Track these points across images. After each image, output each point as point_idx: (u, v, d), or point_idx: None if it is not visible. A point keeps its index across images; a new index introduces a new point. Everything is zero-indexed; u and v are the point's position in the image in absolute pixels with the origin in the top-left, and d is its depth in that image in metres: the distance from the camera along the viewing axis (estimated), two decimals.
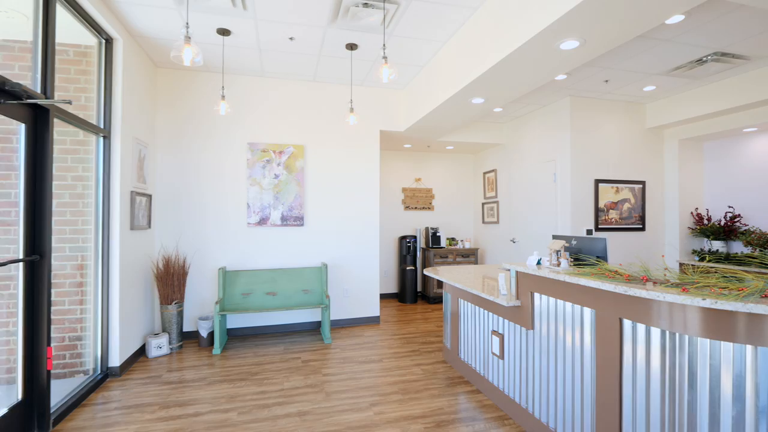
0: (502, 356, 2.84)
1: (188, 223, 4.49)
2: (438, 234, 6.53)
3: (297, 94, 4.88)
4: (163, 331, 4.12)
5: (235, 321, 4.67)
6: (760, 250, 4.29)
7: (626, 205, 5.00)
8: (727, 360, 1.50)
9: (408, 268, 6.39)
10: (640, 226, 5.05)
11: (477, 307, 3.19)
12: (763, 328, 1.44)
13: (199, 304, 4.54)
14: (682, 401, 1.61)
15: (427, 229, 6.63)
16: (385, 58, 2.58)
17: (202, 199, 4.54)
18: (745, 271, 3.47)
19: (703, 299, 1.45)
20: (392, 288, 6.84)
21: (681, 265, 4.84)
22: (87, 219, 3.31)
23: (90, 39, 3.27)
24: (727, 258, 4.51)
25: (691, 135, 4.87)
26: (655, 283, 1.73)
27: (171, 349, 4.09)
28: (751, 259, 3.92)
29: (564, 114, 4.88)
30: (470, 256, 6.56)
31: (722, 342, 1.50)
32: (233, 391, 3.17)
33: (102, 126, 3.37)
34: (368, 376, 3.45)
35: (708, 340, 1.54)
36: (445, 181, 7.11)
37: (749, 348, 1.46)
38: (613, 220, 4.94)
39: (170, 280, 4.14)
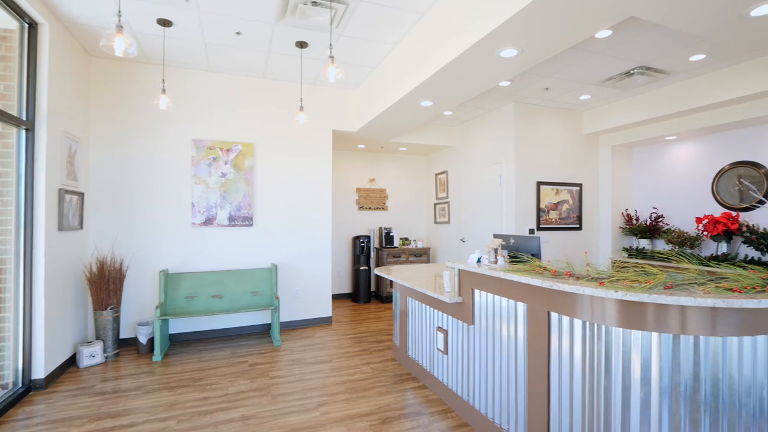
0: (446, 351, 2.93)
1: (126, 224, 4.24)
2: (391, 234, 6.60)
3: (246, 91, 4.75)
4: (97, 338, 3.86)
5: (179, 326, 4.46)
6: (679, 248, 4.73)
7: (565, 206, 5.32)
8: (636, 347, 1.65)
9: (362, 268, 6.41)
10: (578, 226, 5.40)
11: (424, 304, 3.26)
12: (666, 317, 1.60)
13: (138, 309, 4.29)
14: (600, 386, 1.75)
15: (380, 229, 6.69)
16: (331, 57, 2.58)
17: (143, 198, 4.30)
18: (663, 267, 3.81)
19: (616, 291, 1.58)
20: (346, 288, 6.83)
21: (613, 261, 5.23)
22: (7, 219, 3.03)
23: (9, 22, 3.00)
24: (652, 255, 4.93)
25: (622, 142, 5.27)
26: (578, 278, 1.86)
27: (106, 357, 3.84)
28: (670, 256, 4.31)
29: (509, 119, 5.11)
30: (422, 255, 6.69)
31: (632, 330, 1.65)
32: (173, 398, 3.03)
33: (24, 118, 3.10)
34: (317, 377, 3.43)
35: (621, 329, 1.68)
36: (398, 181, 7.20)
37: (654, 335, 1.61)
38: (553, 220, 5.24)
39: (105, 284, 3.88)
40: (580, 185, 5.42)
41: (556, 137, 5.31)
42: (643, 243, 5.13)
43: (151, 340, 4.09)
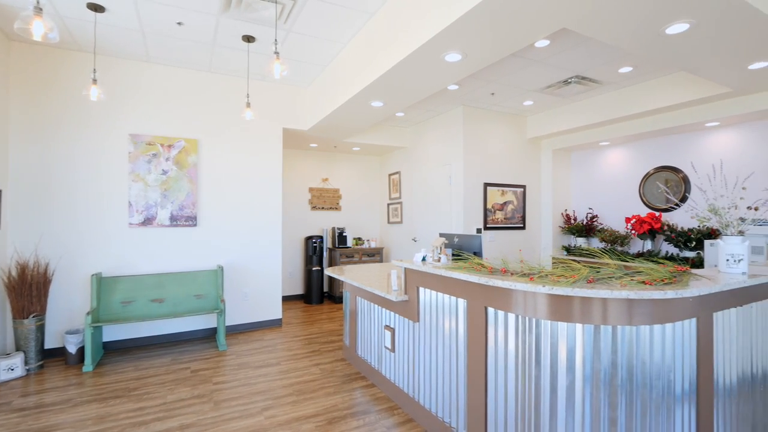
0: (393, 349, 2.96)
1: (53, 224, 3.90)
2: (344, 234, 6.58)
3: (190, 85, 4.54)
4: (18, 350, 3.52)
5: (114, 333, 4.17)
6: (611, 245, 5.10)
7: (510, 207, 5.56)
8: (562, 338, 1.76)
9: (314, 268, 6.33)
10: (522, 225, 5.67)
11: (373, 304, 3.28)
12: (589, 309, 1.72)
13: (68, 317, 3.97)
14: (531, 376, 1.85)
15: (333, 229, 6.64)
16: (277, 53, 2.53)
17: (72, 196, 3.98)
18: (591, 263, 4.09)
19: (543, 286, 1.68)
20: (298, 289, 6.72)
21: (554, 259, 5.54)
22: None
23: None
24: (587, 252, 5.27)
25: (562, 146, 5.60)
26: (512, 274, 1.96)
27: (28, 370, 3.52)
28: (595, 253, 4.64)
29: (458, 122, 5.27)
30: (375, 255, 6.73)
31: (559, 322, 1.76)
32: (104, 410, 2.83)
33: None
34: (263, 381, 3.34)
35: (549, 321, 1.79)
36: (352, 181, 7.19)
37: (579, 326, 1.73)
38: (499, 219, 5.46)
39: (27, 290, 3.55)
40: (524, 187, 5.70)
41: (502, 140, 5.54)
42: (580, 241, 5.48)
43: (82, 350, 3.79)
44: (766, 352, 2.24)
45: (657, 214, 4.77)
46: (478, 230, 5.27)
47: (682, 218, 4.63)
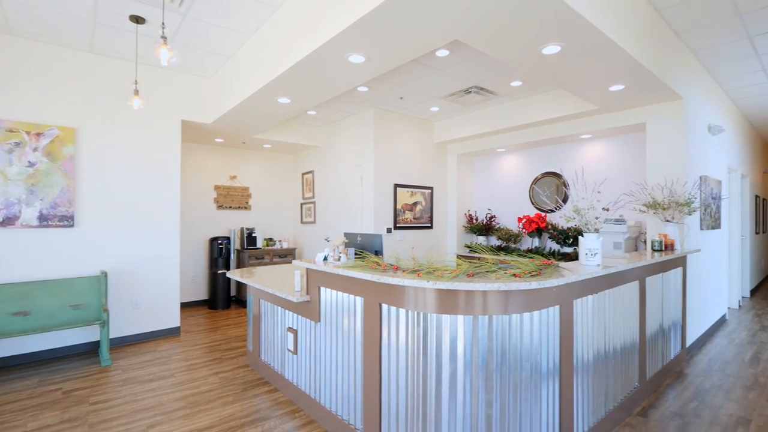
0: (296, 351, 2.91)
1: None
2: (254, 234, 6.30)
3: (67, 66, 3.98)
4: None
5: None
6: (505, 243, 5.60)
7: (419, 207, 5.81)
8: (446, 329, 1.88)
9: (220, 271, 5.96)
10: (429, 225, 5.95)
11: (276, 306, 3.19)
12: (471, 301, 1.85)
13: None
14: (418, 367, 1.94)
15: (242, 229, 6.32)
16: (164, 38, 2.33)
17: None
18: (478, 259, 4.46)
19: (427, 281, 1.78)
20: (202, 294, 6.27)
21: (457, 256, 5.91)
22: None
23: None
24: (481, 249, 5.72)
25: (465, 151, 5.99)
26: (404, 271, 2.04)
27: None
28: (479, 249, 5.08)
29: (369, 123, 5.36)
30: (288, 256, 6.55)
31: (443, 315, 1.88)
32: None
33: None
34: (152, 396, 3.05)
35: (435, 314, 1.90)
36: (263, 180, 6.91)
37: (460, 317, 1.86)
38: (408, 219, 5.67)
39: None
40: (431, 188, 5.99)
41: (411, 143, 5.76)
42: (481, 239, 5.92)
43: None
44: (617, 332, 2.63)
45: (543, 214, 5.35)
46: (389, 230, 5.42)
47: (562, 218, 5.26)
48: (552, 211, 5.34)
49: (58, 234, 3.92)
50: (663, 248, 3.50)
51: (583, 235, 2.45)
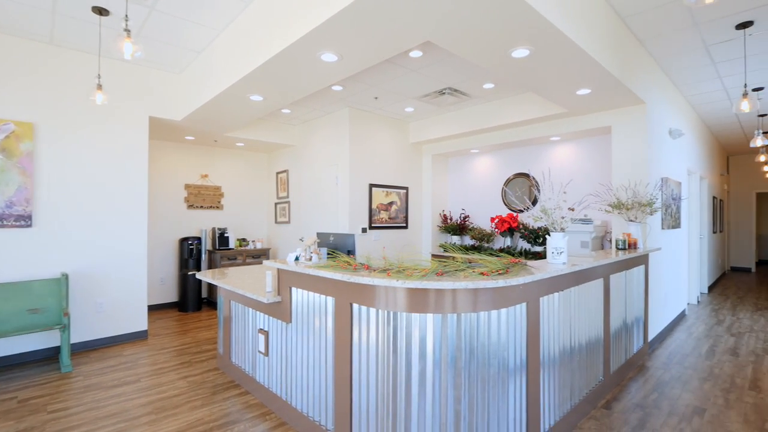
0: (267, 353, 2.86)
1: None
2: (226, 235, 6.17)
3: (25, 57, 3.78)
4: None
5: None
6: (479, 242, 5.69)
7: (394, 207, 5.83)
8: (416, 327, 1.89)
9: (190, 273, 5.80)
10: (405, 225, 5.98)
11: (247, 307, 3.13)
12: (441, 299, 1.88)
13: None
14: (389, 366, 1.95)
15: (214, 229, 6.18)
16: (127, 31, 2.25)
17: None
18: (446, 258, 4.53)
19: (397, 280, 1.79)
20: (172, 296, 6.09)
21: (432, 255, 5.96)
22: None
23: None
24: (458, 249, 5.80)
25: (439, 152, 6.06)
26: (375, 270, 2.04)
27: None
28: (447, 248, 5.16)
29: (344, 123, 5.34)
30: (262, 256, 6.45)
31: (413, 314, 1.89)
32: None
33: None
34: (115, 402, 2.94)
35: (405, 313, 1.91)
36: (236, 179, 6.78)
37: (429, 316, 1.88)
38: (384, 219, 5.68)
39: None
40: (407, 188, 6.02)
41: (386, 143, 5.77)
42: (455, 239, 6.00)
43: None
44: (582, 328, 2.72)
45: (515, 214, 5.47)
46: (364, 230, 5.41)
47: (531, 218, 5.39)
48: (522, 211, 5.47)
49: (13, 234, 3.72)
50: (627, 247, 3.64)
51: (549, 235, 2.52)
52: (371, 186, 5.52)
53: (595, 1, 2.97)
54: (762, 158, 7.34)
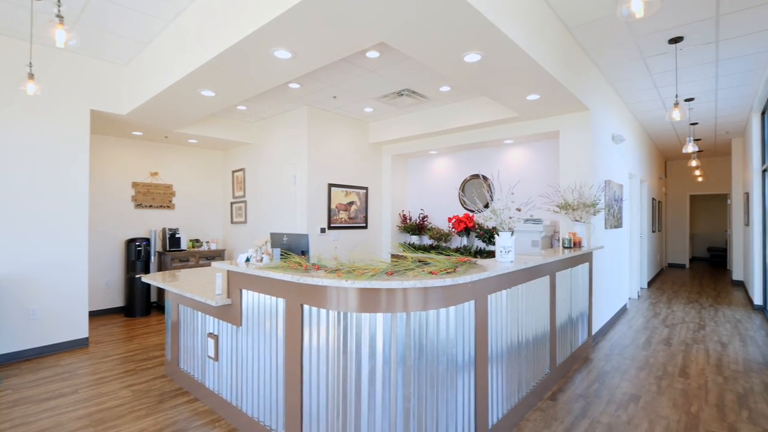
0: (216, 358, 2.77)
1: None
2: (178, 235, 5.90)
3: None
4: None
5: None
6: (437, 242, 5.79)
7: (354, 207, 5.82)
8: (366, 327, 1.90)
9: (138, 275, 5.49)
10: (364, 225, 5.99)
11: (196, 311, 3.01)
12: (392, 299, 1.89)
13: None
14: (339, 366, 1.94)
15: (164, 230, 5.89)
16: (60, 17, 2.09)
17: None
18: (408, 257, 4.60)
19: (346, 281, 1.78)
20: (117, 301, 5.75)
21: (392, 255, 6.00)
22: None
23: None
24: (416, 248, 5.89)
25: (399, 152, 6.11)
26: (326, 271, 2.03)
27: None
28: (402, 247, 5.24)
29: (302, 121, 5.26)
30: (216, 258, 6.23)
31: (363, 313, 1.89)
32: None
33: None
34: (49, 416, 2.73)
35: (355, 313, 1.91)
36: (189, 177, 6.50)
37: (379, 315, 1.89)
38: (343, 219, 5.66)
39: None
40: (366, 188, 6.03)
41: (346, 143, 5.75)
42: (414, 239, 6.07)
43: None
44: (530, 324, 2.84)
45: (471, 214, 5.61)
46: (323, 230, 5.36)
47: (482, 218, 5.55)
48: (475, 211, 5.63)
49: None
50: (572, 245, 3.83)
51: (498, 234, 2.61)
52: (330, 186, 5.47)
53: (543, 11, 3.10)
54: (694, 163, 7.99)
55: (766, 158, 5.58)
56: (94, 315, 5.52)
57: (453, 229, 5.53)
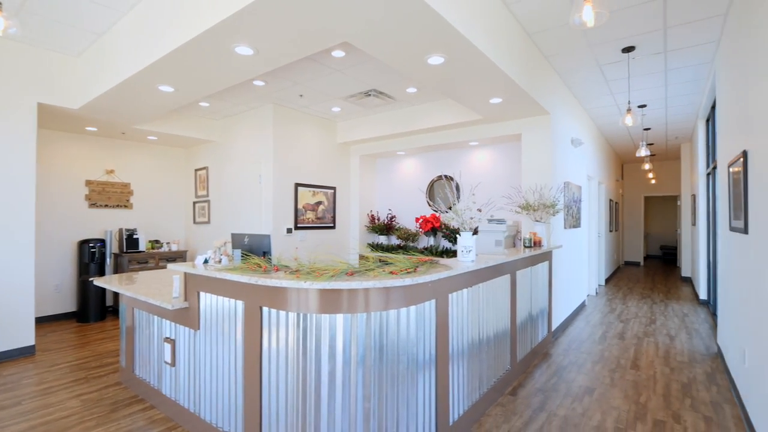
0: (173, 363, 2.67)
1: None
2: (135, 236, 5.65)
3: None
4: None
5: None
6: (405, 241, 5.84)
7: (321, 207, 5.77)
8: (325, 328, 1.88)
9: (91, 278, 5.21)
10: (332, 225, 5.95)
11: (151, 315, 2.89)
12: (352, 299, 1.88)
13: None
14: (298, 368, 1.92)
15: (121, 230, 5.63)
16: None
17: None
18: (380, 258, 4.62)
19: (305, 282, 1.76)
20: (69, 306, 5.43)
21: (360, 256, 5.99)
22: None
23: None
24: (384, 248, 5.91)
25: (367, 152, 6.11)
26: (285, 272, 2.00)
27: None
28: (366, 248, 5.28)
29: (268, 120, 5.16)
30: (178, 259, 6.01)
31: (323, 315, 1.88)
32: None
33: None
34: None
35: (315, 314, 1.89)
36: (148, 175, 6.24)
37: (339, 316, 1.88)
38: (311, 219, 5.59)
39: None
40: (334, 188, 5.99)
41: (313, 142, 5.69)
42: (382, 239, 6.09)
43: None
44: (491, 321, 2.91)
45: (438, 214, 5.69)
46: (289, 230, 5.28)
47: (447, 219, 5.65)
48: (441, 211, 5.71)
49: None
50: (533, 245, 3.96)
51: (474, 234, 2.66)
52: (297, 185, 5.40)
53: (504, 16, 3.19)
54: (647, 166, 8.44)
55: (710, 162, 5.97)
56: (42, 321, 5.20)
57: (420, 230, 5.59)
